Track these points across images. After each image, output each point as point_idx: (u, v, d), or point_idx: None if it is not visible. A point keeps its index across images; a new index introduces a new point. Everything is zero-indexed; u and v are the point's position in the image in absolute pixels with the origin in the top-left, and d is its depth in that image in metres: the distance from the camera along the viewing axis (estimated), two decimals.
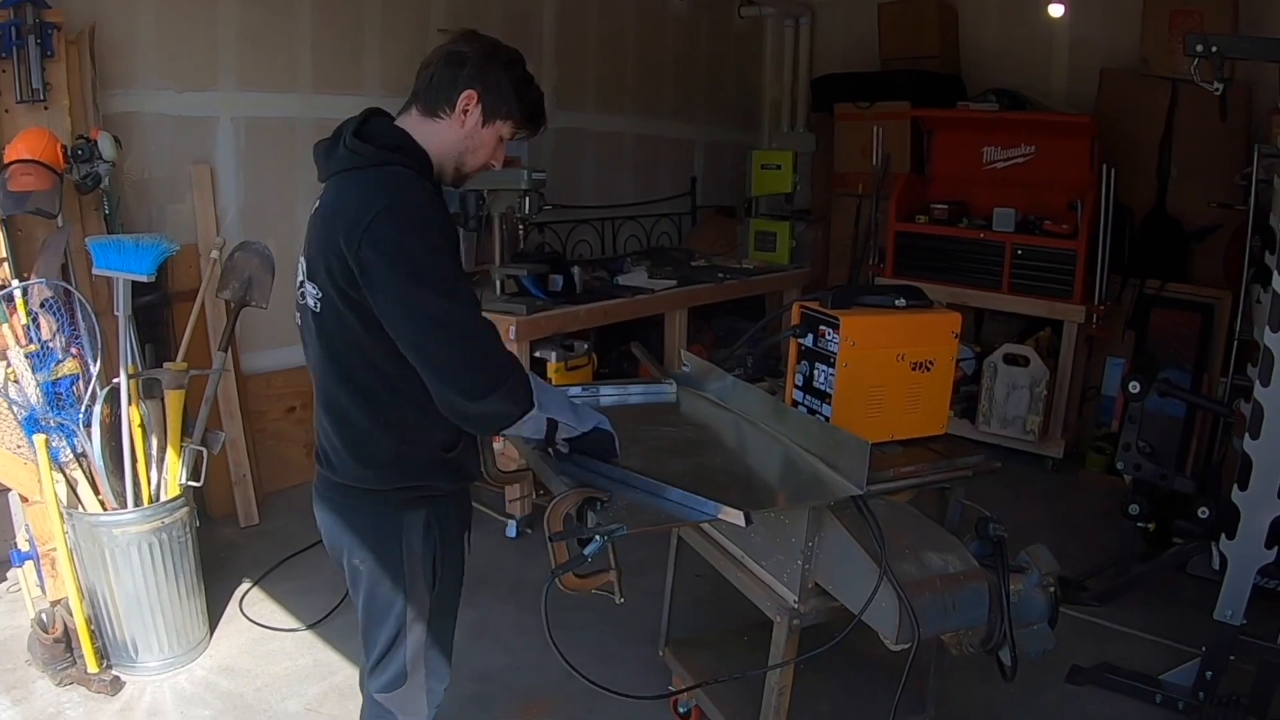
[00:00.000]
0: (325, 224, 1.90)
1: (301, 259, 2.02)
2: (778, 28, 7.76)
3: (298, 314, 2.08)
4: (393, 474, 2.04)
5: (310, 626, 3.61)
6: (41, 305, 3.33)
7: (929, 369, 2.57)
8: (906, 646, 2.05)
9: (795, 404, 2.66)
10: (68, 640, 3.21)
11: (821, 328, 2.54)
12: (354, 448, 2.03)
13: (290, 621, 3.66)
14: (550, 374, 4.46)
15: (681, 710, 3.08)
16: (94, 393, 3.24)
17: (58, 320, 3.31)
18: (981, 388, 5.56)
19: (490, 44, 2.03)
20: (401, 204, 1.83)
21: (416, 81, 2.04)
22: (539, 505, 2.15)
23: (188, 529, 3.34)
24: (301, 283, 2.01)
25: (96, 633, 3.24)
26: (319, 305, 1.94)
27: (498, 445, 2.29)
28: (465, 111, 1.99)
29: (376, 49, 5.11)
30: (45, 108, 3.70)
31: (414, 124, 2.02)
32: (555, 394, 2.02)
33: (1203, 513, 3.35)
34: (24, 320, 3.31)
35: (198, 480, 3.38)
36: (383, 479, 2.05)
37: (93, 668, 3.18)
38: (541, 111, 2.10)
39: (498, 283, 4.54)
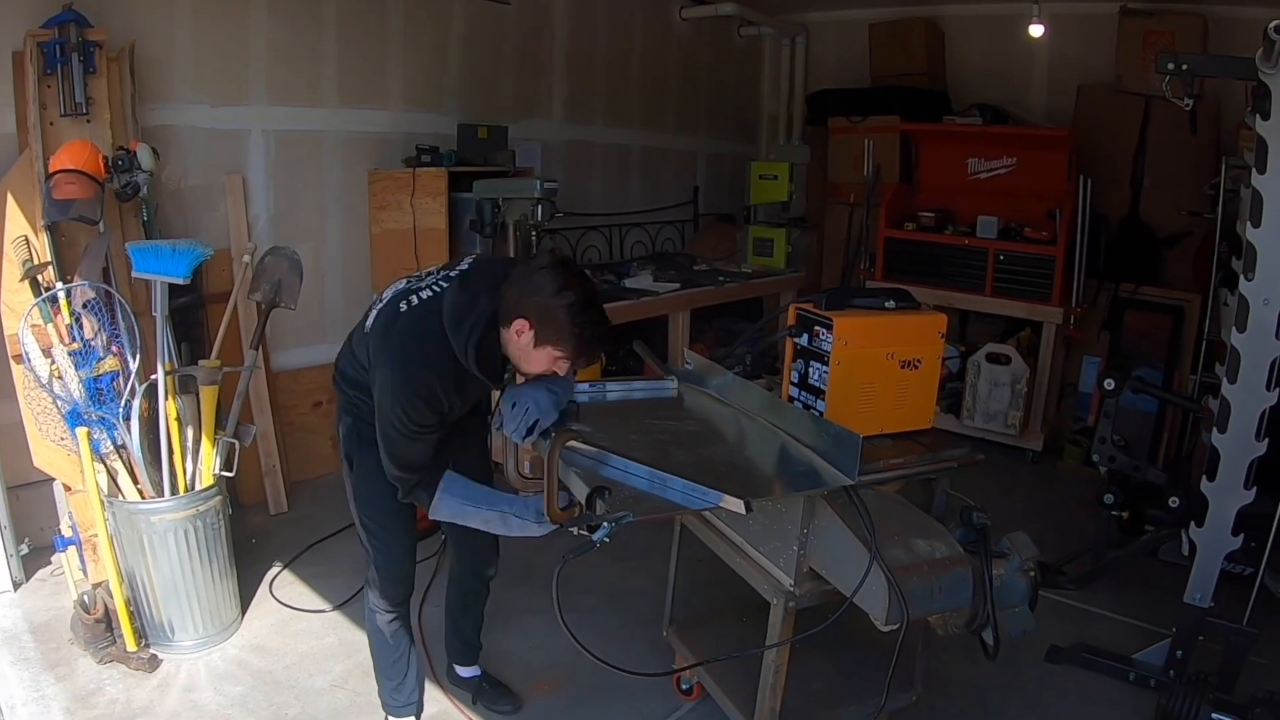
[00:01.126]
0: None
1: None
2: (775, 46, 7.75)
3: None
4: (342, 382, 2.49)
5: (336, 608, 3.61)
6: (84, 306, 3.34)
7: (917, 367, 2.57)
8: (895, 627, 2.05)
9: (791, 399, 2.66)
10: (108, 621, 3.22)
11: (816, 328, 2.54)
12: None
13: (317, 603, 3.66)
14: None
15: (684, 687, 3.08)
16: (133, 388, 3.25)
17: (99, 320, 3.32)
18: (966, 384, 5.56)
19: (560, 280, 2.14)
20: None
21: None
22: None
23: (221, 516, 3.35)
24: None
25: (135, 614, 3.24)
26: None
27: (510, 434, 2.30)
28: (519, 333, 2.17)
29: (399, 66, 5.11)
30: (88, 120, 3.70)
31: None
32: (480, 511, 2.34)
33: (1173, 502, 3.34)
34: (68, 320, 3.32)
35: (230, 470, 3.39)
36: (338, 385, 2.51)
37: (132, 647, 3.18)
38: (594, 349, 2.22)
39: None
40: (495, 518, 2.29)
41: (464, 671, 3.12)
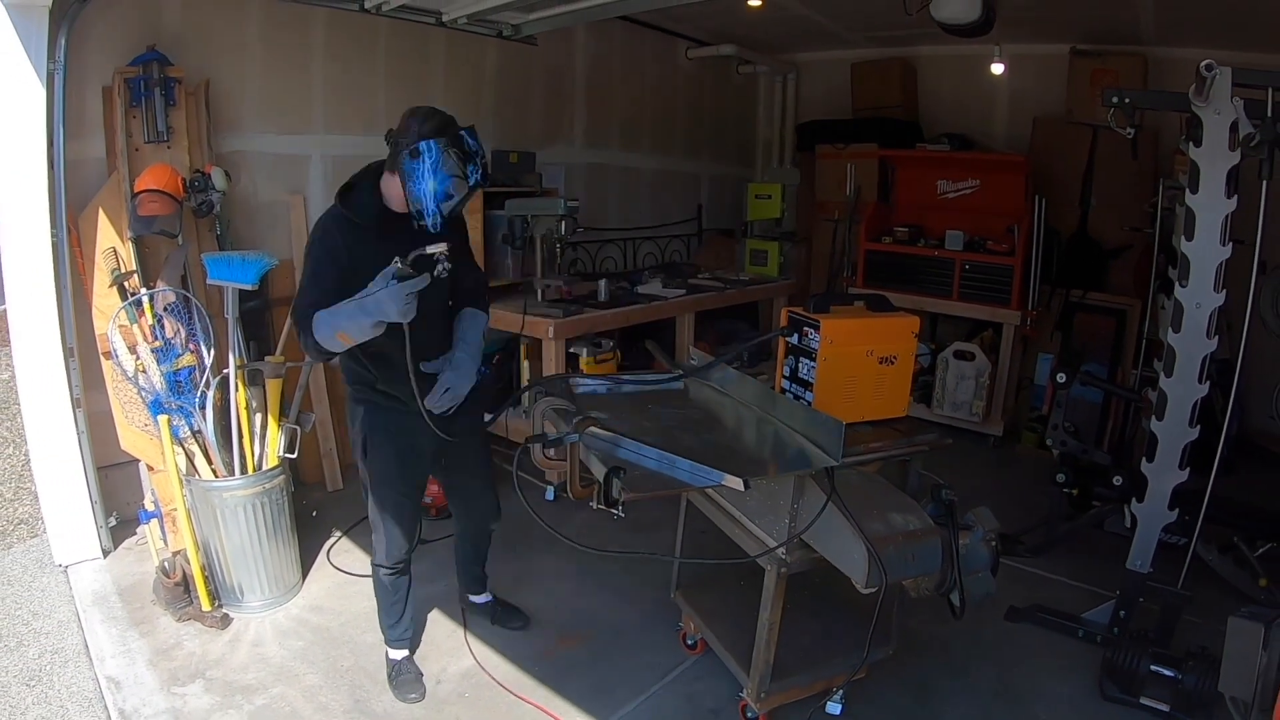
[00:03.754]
0: None
1: None
2: (769, 82, 7.73)
3: None
4: (350, 383, 2.64)
5: None
6: (165, 309, 3.36)
7: (893, 362, 2.56)
8: (875, 590, 2.05)
9: (783, 391, 2.66)
10: (186, 584, 3.24)
11: (805, 328, 2.54)
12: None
13: (369, 568, 3.64)
14: (582, 366, 4.46)
15: (689, 643, 3.08)
16: (208, 381, 3.26)
17: (178, 321, 3.34)
18: (936, 378, 5.55)
19: (409, 117, 2.35)
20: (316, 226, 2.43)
21: None
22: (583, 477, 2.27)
23: (284, 493, 3.36)
24: None
25: (209, 578, 3.26)
26: None
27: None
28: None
29: (440, 99, 5.06)
30: (168, 147, 3.73)
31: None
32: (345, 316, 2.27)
33: (1117, 481, 3.33)
34: (150, 321, 3.34)
35: (293, 453, 3.40)
36: (348, 382, 2.65)
37: (206, 607, 3.20)
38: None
39: (539, 291, 4.54)
40: (354, 308, 2.21)
41: (478, 599, 3.30)
